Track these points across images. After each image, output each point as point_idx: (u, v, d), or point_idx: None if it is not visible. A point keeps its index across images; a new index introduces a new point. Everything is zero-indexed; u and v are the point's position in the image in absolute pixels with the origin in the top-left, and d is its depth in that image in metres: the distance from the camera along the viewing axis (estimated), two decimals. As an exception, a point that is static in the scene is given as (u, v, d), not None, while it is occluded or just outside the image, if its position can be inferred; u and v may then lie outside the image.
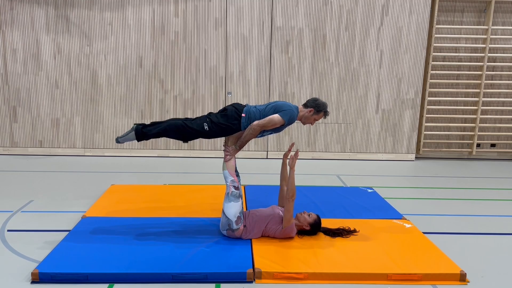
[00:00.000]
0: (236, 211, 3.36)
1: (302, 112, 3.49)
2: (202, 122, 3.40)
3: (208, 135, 3.44)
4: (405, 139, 6.79)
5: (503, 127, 6.90)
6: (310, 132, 6.69)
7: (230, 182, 3.40)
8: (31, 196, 4.57)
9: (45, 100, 6.45)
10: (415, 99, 6.66)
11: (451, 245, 3.58)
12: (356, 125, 6.71)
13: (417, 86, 6.62)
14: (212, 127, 3.39)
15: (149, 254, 3.17)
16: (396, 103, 6.66)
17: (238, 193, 3.38)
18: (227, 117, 3.41)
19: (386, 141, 6.78)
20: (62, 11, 6.21)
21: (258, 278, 2.95)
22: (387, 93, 6.63)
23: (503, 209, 4.59)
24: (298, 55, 6.46)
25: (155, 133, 3.43)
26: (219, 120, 3.41)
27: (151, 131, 3.44)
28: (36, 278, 2.87)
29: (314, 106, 3.47)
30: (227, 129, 3.43)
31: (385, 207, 4.35)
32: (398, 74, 6.58)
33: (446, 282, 3.01)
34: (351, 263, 3.14)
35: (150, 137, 3.47)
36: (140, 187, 4.88)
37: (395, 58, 6.53)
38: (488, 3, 6.48)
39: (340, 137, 6.75)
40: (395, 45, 6.49)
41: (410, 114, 6.71)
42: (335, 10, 6.36)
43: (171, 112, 6.53)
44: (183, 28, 6.33)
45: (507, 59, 6.71)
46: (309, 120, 3.51)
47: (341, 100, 6.62)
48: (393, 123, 6.73)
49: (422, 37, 6.48)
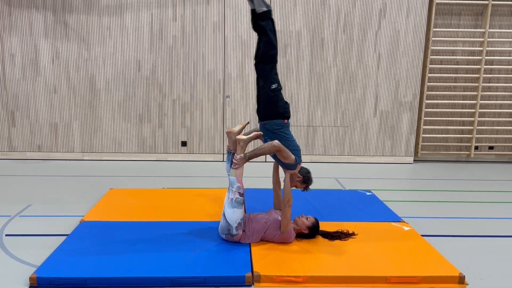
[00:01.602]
0: (238, 217, 3.36)
1: (296, 174, 3.58)
2: (275, 80, 3.56)
3: (266, 88, 3.52)
4: (403, 142, 6.80)
5: (500, 130, 6.92)
6: (309, 135, 6.69)
7: (236, 188, 3.36)
8: (29, 201, 4.56)
9: (44, 104, 6.45)
10: (413, 102, 6.67)
11: (450, 247, 3.59)
12: (355, 128, 6.72)
13: (415, 88, 6.64)
14: (274, 90, 3.50)
15: (147, 258, 3.16)
16: (394, 105, 6.68)
17: (242, 199, 3.38)
18: (279, 105, 3.49)
19: (385, 144, 6.79)
20: (61, 16, 6.22)
21: (257, 282, 2.96)
22: (385, 96, 6.65)
23: (502, 211, 4.60)
24: (296, 58, 6.47)
25: (265, 30, 3.49)
26: (279, 99, 3.50)
27: (266, 25, 3.48)
28: (34, 283, 2.87)
29: (304, 176, 3.59)
30: (271, 108, 3.48)
31: (383, 210, 4.36)
32: (396, 76, 6.60)
33: (445, 285, 3.01)
34: (350, 266, 3.14)
35: (258, 24, 3.50)
36: (139, 191, 4.88)
37: (393, 60, 6.55)
38: (485, 6, 6.52)
39: (338, 140, 6.75)
40: (392, 47, 6.51)
41: (408, 117, 6.72)
42: (333, 13, 6.39)
43: (169, 116, 6.54)
44: (181, 32, 6.35)
45: (504, 62, 6.74)
46: (293, 180, 3.57)
47: (339, 103, 6.63)
48: (391, 125, 6.74)
49: (419, 39, 6.50)
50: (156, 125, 6.58)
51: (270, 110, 3.50)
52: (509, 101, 6.82)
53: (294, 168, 3.52)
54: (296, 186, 3.64)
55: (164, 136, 6.62)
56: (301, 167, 3.62)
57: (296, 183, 3.62)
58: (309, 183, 3.65)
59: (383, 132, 6.75)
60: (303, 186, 3.65)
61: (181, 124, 6.59)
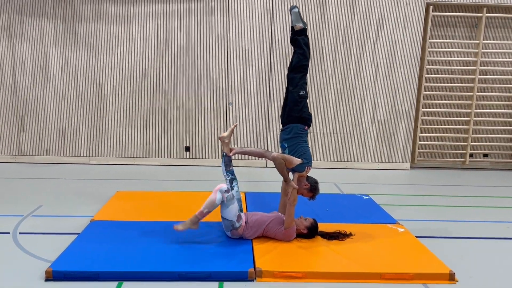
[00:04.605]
0: (235, 210, 3.55)
1: (305, 177, 3.77)
2: (303, 88, 3.88)
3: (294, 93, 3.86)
4: (400, 149, 7.00)
5: (495, 138, 7.13)
6: (309, 142, 6.87)
7: (223, 192, 3.51)
8: (40, 202, 4.75)
9: (52, 110, 6.67)
10: (409, 111, 6.89)
11: (442, 248, 3.77)
12: (353, 136, 6.93)
13: (412, 98, 6.86)
14: (302, 96, 3.84)
15: (156, 254, 3.35)
16: (392, 114, 6.89)
17: (231, 194, 3.55)
18: (303, 111, 3.84)
19: (382, 151, 6.99)
20: (70, 25, 6.47)
21: (259, 277, 3.13)
22: (383, 105, 6.86)
23: (492, 215, 4.78)
24: (297, 68, 6.69)
25: (300, 44, 3.89)
26: (304, 105, 3.85)
27: (302, 40, 3.88)
28: (50, 276, 3.05)
29: (312, 184, 3.78)
30: (296, 112, 3.83)
31: (380, 213, 4.54)
32: (393, 86, 6.82)
33: (436, 281, 3.19)
34: (347, 263, 3.32)
35: (295, 38, 3.93)
36: (145, 193, 5.07)
37: (390, 71, 6.78)
38: (479, 18, 6.76)
39: (337, 147, 6.96)
40: (390, 58, 6.74)
41: (405, 125, 6.93)
42: (332, 25, 6.63)
43: (173, 122, 6.76)
44: (186, 42, 6.59)
45: (498, 72, 6.97)
46: (300, 187, 3.74)
47: (338, 112, 6.84)
48: (388, 133, 6.95)
49: (416, 51, 6.74)
50: (161, 131, 6.79)
51: (295, 113, 3.82)
52: (503, 110, 7.04)
53: (302, 169, 3.70)
54: (303, 194, 3.79)
55: (168, 142, 6.83)
56: (310, 177, 3.79)
57: (303, 191, 3.77)
58: (315, 193, 3.81)
59: (380, 140, 6.96)
60: (310, 195, 3.81)
61: (185, 130, 6.81)
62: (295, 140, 3.77)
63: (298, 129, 3.80)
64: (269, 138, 6.83)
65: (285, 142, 3.81)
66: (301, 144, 3.78)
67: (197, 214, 3.53)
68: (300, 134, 3.80)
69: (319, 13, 6.59)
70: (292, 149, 3.76)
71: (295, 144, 3.76)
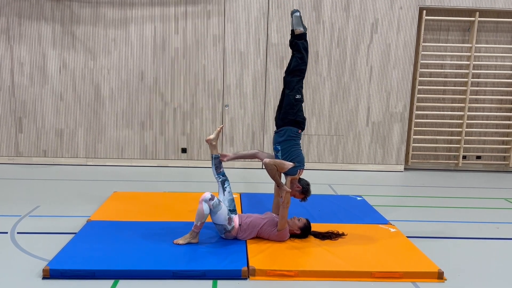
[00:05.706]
0: (224, 215, 3.62)
1: (297, 179, 3.82)
2: (300, 91, 3.90)
3: (291, 96, 3.89)
4: (394, 151, 7.09)
5: (488, 140, 7.23)
6: (304, 144, 6.98)
7: (207, 201, 3.54)
8: (37, 202, 4.81)
9: (50, 111, 6.73)
10: (403, 113, 6.98)
11: (432, 247, 3.84)
12: (348, 137, 7.02)
13: (405, 100, 6.95)
14: (298, 100, 3.87)
15: (151, 252, 3.42)
16: (386, 116, 6.98)
17: (216, 200, 3.60)
18: (298, 114, 3.88)
19: (376, 153, 7.08)
20: (68, 27, 6.54)
21: (252, 275, 3.20)
22: (377, 107, 6.96)
23: (482, 216, 4.87)
24: (292, 70, 6.77)
25: (299, 48, 3.87)
26: (299, 109, 3.89)
27: (301, 44, 3.88)
28: (47, 274, 3.11)
29: (303, 187, 3.82)
30: (291, 115, 3.86)
31: (372, 214, 4.62)
32: (387, 88, 6.92)
33: (425, 280, 3.26)
34: (338, 262, 3.39)
35: (294, 42, 3.91)
36: (142, 194, 5.13)
37: (384, 73, 6.87)
38: (472, 22, 6.86)
39: (332, 149, 7.04)
40: (384, 61, 6.84)
41: (399, 127, 7.02)
42: (327, 28, 6.72)
43: (170, 124, 6.83)
44: (183, 44, 6.67)
45: (491, 75, 7.07)
46: (293, 189, 3.80)
47: (333, 113, 6.93)
48: (382, 135, 7.04)
49: (409, 54, 6.83)
50: (158, 133, 6.86)
51: (290, 116, 3.86)
52: (496, 113, 7.14)
53: (294, 173, 3.78)
54: (294, 195, 3.86)
55: (165, 143, 6.90)
56: (302, 179, 3.86)
57: (295, 193, 3.84)
58: (307, 195, 3.88)
59: (375, 142, 7.05)
60: (302, 197, 3.88)
61: (182, 131, 6.88)
62: (288, 143, 3.83)
63: (292, 132, 3.86)
64: (264, 140, 6.91)
65: (278, 144, 3.88)
66: (294, 148, 3.85)
67: (193, 228, 3.62)
68: (293, 137, 3.86)
69: (314, 16, 6.67)
70: (285, 152, 3.83)
71: (288, 147, 3.83)
